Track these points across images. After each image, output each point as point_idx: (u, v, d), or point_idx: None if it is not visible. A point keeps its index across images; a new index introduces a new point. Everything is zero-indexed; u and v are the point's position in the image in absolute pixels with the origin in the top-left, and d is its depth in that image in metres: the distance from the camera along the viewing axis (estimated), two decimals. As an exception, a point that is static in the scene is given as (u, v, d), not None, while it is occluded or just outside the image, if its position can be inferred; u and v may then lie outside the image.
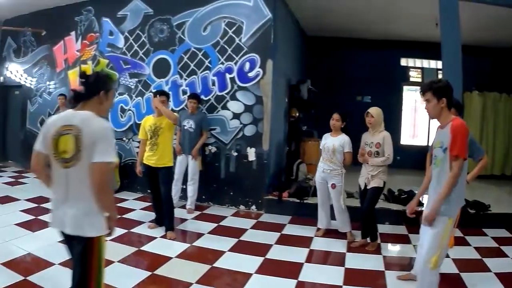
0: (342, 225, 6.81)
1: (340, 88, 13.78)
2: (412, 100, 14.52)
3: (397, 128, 13.64)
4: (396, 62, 14.13)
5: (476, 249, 6.35)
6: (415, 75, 14.23)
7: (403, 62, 14.22)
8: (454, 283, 4.95)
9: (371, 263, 5.75)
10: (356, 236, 6.74)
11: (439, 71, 13.17)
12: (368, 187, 6.24)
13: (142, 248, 6.07)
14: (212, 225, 7.46)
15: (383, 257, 5.98)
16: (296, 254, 6.05)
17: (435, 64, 13.71)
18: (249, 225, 7.57)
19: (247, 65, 8.65)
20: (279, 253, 6.12)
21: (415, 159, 10.07)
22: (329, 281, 5.10)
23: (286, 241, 6.71)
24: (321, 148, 6.87)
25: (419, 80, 14.03)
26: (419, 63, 14.21)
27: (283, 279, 5.14)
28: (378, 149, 6.13)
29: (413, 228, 6.88)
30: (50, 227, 3.29)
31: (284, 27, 9.82)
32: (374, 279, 5.20)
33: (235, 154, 8.80)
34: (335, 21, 11.71)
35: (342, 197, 6.69)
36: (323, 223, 7.02)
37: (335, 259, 6.00)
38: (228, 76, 8.81)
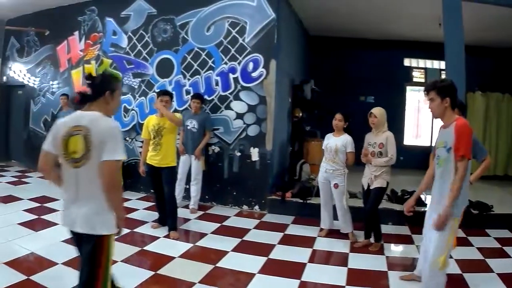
0: (344, 225, 6.81)
1: (343, 88, 13.76)
2: (415, 100, 14.50)
3: (400, 128, 13.61)
4: (399, 62, 14.12)
5: (478, 249, 6.34)
6: (418, 75, 14.23)
7: (406, 62, 14.21)
8: (456, 283, 4.95)
9: (374, 263, 5.75)
10: (358, 236, 6.74)
11: (442, 71, 13.14)
12: (371, 188, 6.23)
13: (145, 247, 6.08)
14: (215, 225, 7.46)
15: (386, 258, 5.98)
16: (299, 254, 6.05)
17: (438, 64, 13.71)
18: (252, 225, 7.56)
19: (251, 65, 8.65)
20: (282, 253, 6.11)
21: (418, 159, 10.09)
22: (332, 281, 5.10)
23: (289, 241, 6.71)
24: (323, 148, 6.88)
25: (422, 80, 14.03)
26: (422, 63, 14.21)
27: (286, 279, 5.14)
28: (381, 150, 6.14)
29: (416, 228, 6.88)
30: (62, 226, 3.31)
31: (287, 27, 9.82)
32: (376, 280, 5.20)
33: (239, 154, 8.80)
34: (338, 21, 11.71)
35: (344, 197, 6.70)
36: (326, 223, 7.02)
37: (338, 259, 6.00)
38: (231, 76, 8.81)
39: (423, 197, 8.06)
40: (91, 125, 3.04)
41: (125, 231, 6.58)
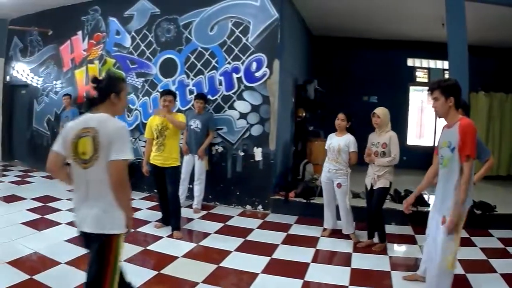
0: (346, 226, 6.79)
1: (346, 88, 13.75)
2: (418, 100, 14.49)
3: (403, 128, 13.59)
4: (402, 62, 14.09)
5: (482, 250, 6.33)
6: (421, 75, 14.20)
7: (410, 62, 14.18)
8: (460, 283, 4.93)
9: (377, 263, 5.75)
10: (361, 236, 6.74)
11: (446, 71, 13.12)
12: (374, 188, 6.23)
13: (148, 247, 6.08)
14: (218, 225, 7.46)
15: (389, 258, 5.97)
16: (302, 254, 6.05)
17: (442, 64, 13.67)
18: (256, 225, 7.57)
19: (254, 65, 8.64)
20: (286, 253, 6.12)
21: (421, 159, 10.04)
22: (335, 281, 5.10)
23: (292, 241, 6.71)
24: (326, 148, 6.87)
25: (426, 80, 14.00)
26: (425, 63, 14.18)
27: (289, 279, 5.14)
28: (384, 149, 6.12)
29: (419, 228, 6.87)
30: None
31: (290, 27, 9.82)
32: (380, 280, 5.20)
33: (242, 154, 8.80)
34: (341, 21, 11.70)
35: (347, 197, 6.70)
36: (329, 223, 7.02)
37: (341, 259, 6.00)
38: (235, 76, 8.81)
39: (426, 197, 8.06)
40: (99, 127, 3.12)
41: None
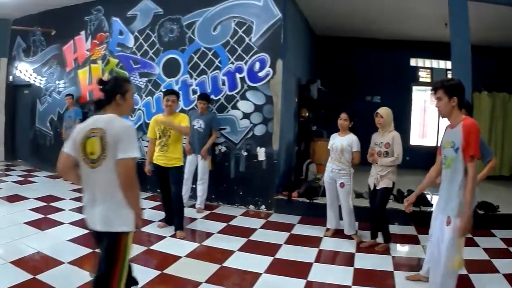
0: (348, 226, 6.79)
1: (349, 88, 13.78)
2: (421, 100, 14.48)
3: (406, 128, 13.56)
4: (405, 62, 14.08)
5: (484, 250, 6.31)
6: (424, 75, 14.20)
7: (413, 62, 14.18)
8: (462, 284, 4.92)
9: (380, 263, 5.74)
10: (363, 236, 6.74)
11: (449, 71, 13.11)
12: (377, 188, 6.23)
13: (151, 247, 6.10)
14: (221, 225, 7.47)
15: (392, 258, 5.97)
16: (305, 254, 6.05)
17: (445, 64, 13.66)
18: (259, 225, 7.57)
19: (257, 65, 8.65)
20: (289, 253, 6.11)
21: (424, 159, 10.02)
22: (338, 281, 5.10)
23: (295, 241, 6.71)
24: (329, 148, 6.88)
25: (429, 80, 13.99)
26: (428, 63, 14.18)
27: (292, 279, 5.14)
28: (387, 149, 6.13)
29: (422, 228, 6.88)
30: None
31: (294, 27, 9.81)
32: (383, 280, 5.20)
33: (245, 153, 8.80)
34: (345, 20, 11.69)
35: (350, 197, 6.70)
36: (332, 223, 7.02)
37: (344, 259, 6.00)
38: (238, 75, 8.82)
39: (429, 197, 8.06)
40: (106, 127, 3.21)
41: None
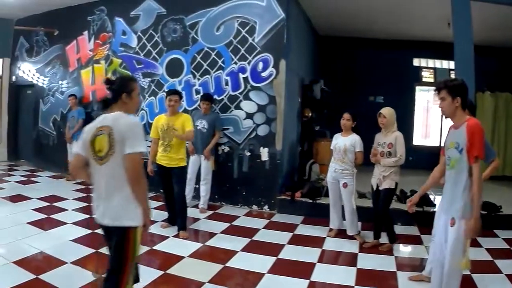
0: (350, 226, 6.78)
1: (352, 88, 13.76)
2: (424, 100, 14.47)
3: (409, 128, 13.54)
4: (408, 62, 14.05)
5: (487, 250, 6.30)
6: (427, 75, 14.17)
7: (416, 62, 14.15)
8: (465, 284, 4.90)
9: (383, 263, 5.75)
10: (366, 236, 6.74)
11: (452, 71, 13.09)
12: (380, 188, 6.23)
13: (154, 247, 6.09)
14: (224, 225, 7.47)
15: (395, 258, 5.97)
16: (308, 254, 6.05)
17: (448, 64, 13.62)
18: (262, 225, 7.57)
19: (260, 65, 8.64)
20: (292, 253, 6.12)
21: (427, 159, 10.01)
22: (341, 281, 5.11)
23: (298, 241, 6.71)
24: (332, 148, 6.87)
25: (432, 80, 13.97)
26: (431, 63, 14.15)
27: (295, 279, 5.15)
28: (390, 150, 6.12)
29: (425, 229, 6.87)
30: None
31: (297, 27, 9.81)
32: (385, 280, 5.20)
33: (248, 154, 8.80)
34: (348, 21, 11.68)
35: (353, 197, 6.70)
36: (335, 224, 7.01)
37: (347, 259, 6.00)
38: (241, 76, 8.82)
39: (432, 197, 8.05)
40: (113, 124, 3.28)
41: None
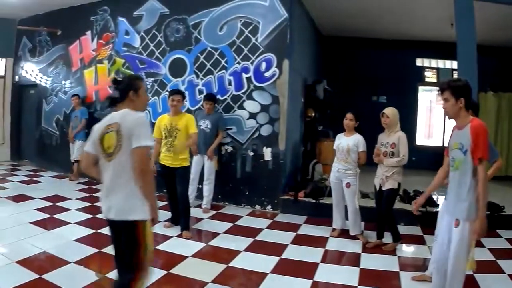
0: (353, 227, 6.78)
1: (355, 88, 13.75)
2: (427, 100, 14.45)
3: (412, 128, 13.52)
4: (411, 62, 14.03)
5: (490, 250, 6.28)
6: (430, 75, 14.15)
7: (419, 62, 14.14)
8: (468, 284, 4.89)
9: (386, 263, 5.74)
10: (369, 236, 6.73)
11: (455, 71, 13.08)
12: (383, 189, 6.22)
13: (157, 247, 6.07)
14: (227, 225, 7.47)
15: (397, 258, 5.97)
16: (311, 254, 6.05)
17: (451, 64, 13.60)
18: (265, 225, 7.57)
19: (264, 65, 8.64)
20: (295, 253, 6.12)
21: (430, 159, 10.00)
22: (344, 281, 5.11)
23: (301, 241, 6.70)
24: (335, 148, 6.87)
25: (435, 80, 13.96)
26: (434, 63, 14.13)
27: (299, 279, 5.15)
28: (393, 150, 6.12)
29: (427, 229, 6.87)
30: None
31: (300, 27, 9.80)
32: (388, 280, 5.21)
33: (251, 154, 8.80)
34: (351, 21, 11.68)
35: (356, 197, 6.70)
36: (338, 224, 7.01)
37: (350, 259, 5.99)
38: (244, 75, 8.82)
39: (435, 197, 8.04)
40: (121, 121, 3.38)
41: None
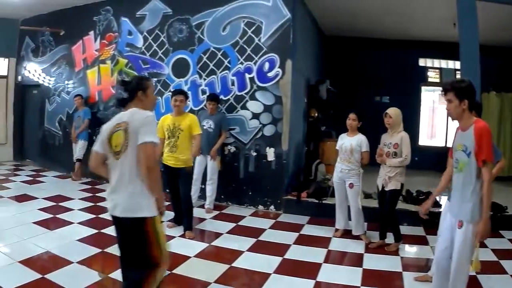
0: (356, 227, 6.78)
1: (358, 88, 13.76)
2: (430, 100, 14.44)
3: (415, 128, 13.49)
4: (414, 62, 14.02)
5: (492, 251, 6.27)
6: (433, 76, 14.13)
7: (422, 62, 14.11)
8: (471, 284, 4.89)
9: (389, 264, 5.74)
10: (372, 237, 6.73)
11: (457, 71, 13.05)
12: (386, 189, 6.22)
13: (160, 247, 6.07)
14: (230, 225, 7.47)
15: (400, 258, 5.96)
16: (314, 254, 6.05)
17: (453, 64, 13.56)
18: (268, 225, 7.57)
19: (267, 65, 8.64)
20: (298, 253, 6.12)
21: (433, 160, 10.02)
22: (347, 281, 5.11)
23: (304, 241, 6.70)
24: (338, 148, 6.87)
25: (438, 80, 13.94)
26: (437, 63, 14.11)
27: (301, 279, 5.14)
28: (396, 150, 6.12)
29: (430, 229, 6.85)
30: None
31: (303, 27, 9.81)
32: (391, 280, 5.20)
33: (254, 154, 8.80)
34: (353, 21, 11.67)
35: (359, 197, 6.70)
36: (341, 224, 7.00)
37: (353, 259, 5.99)
38: (247, 76, 8.82)
39: (437, 198, 8.03)
40: (129, 119, 3.48)
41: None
